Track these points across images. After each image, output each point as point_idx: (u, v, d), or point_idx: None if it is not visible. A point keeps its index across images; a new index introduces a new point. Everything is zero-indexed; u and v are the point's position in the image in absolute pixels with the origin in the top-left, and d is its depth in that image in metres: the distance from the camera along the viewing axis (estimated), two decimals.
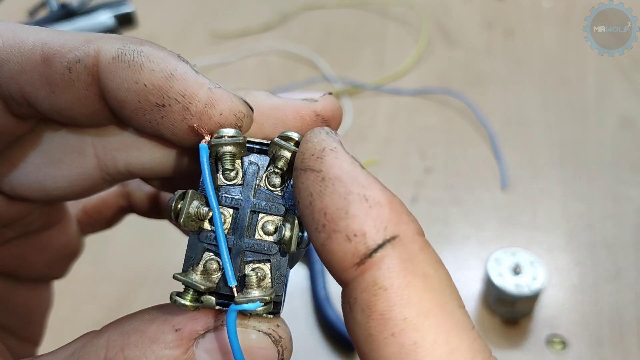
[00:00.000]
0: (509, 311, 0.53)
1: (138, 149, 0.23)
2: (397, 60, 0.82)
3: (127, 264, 0.62)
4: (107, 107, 0.21)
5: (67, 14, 0.88)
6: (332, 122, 0.22)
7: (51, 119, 0.22)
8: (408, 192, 0.65)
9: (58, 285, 0.32)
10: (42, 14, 0.92)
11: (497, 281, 0.51)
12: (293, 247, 0.20)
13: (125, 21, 0.89)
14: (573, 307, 0.55)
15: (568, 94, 0.76)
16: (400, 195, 0.18)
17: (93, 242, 0.35)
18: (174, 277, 0.19)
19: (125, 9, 0.89)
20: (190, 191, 0.20)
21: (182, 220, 0.19)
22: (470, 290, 0.56)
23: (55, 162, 0.24)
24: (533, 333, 0.53)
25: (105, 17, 0.87)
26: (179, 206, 0.19)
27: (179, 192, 0.20)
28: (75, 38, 0.20)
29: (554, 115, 0.73)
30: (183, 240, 0.21)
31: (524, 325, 0.54)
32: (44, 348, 0.30)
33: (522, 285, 0.51)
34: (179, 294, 0.19)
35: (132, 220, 0.35)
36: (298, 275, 0.59)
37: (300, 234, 0.20)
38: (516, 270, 0.52)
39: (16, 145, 0.23)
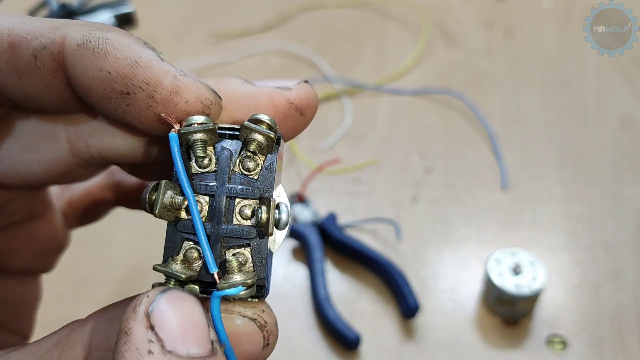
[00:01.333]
0: (509, 311, 0.53)
1: (110, 135, 0.23)
2: (397, 60, 0.82)
3: (127, 263, 0.61)
4: (74, 94, 0.21)
5: (67, 14, 0.88)
6: (306, 110, 0.22)
7: (22, 106, 0.22)
8: (408, 192, 0.65)
9: (57, 285, 0.33)
10: (42, 13, 0.92)
11: (497, 281, 0.51)
12: (271, 228, 0.19)
13: (125, 21, 0.88)
14: (573, 307, 0.55)
15: (568, 94, 0.76)
16: (400, 195, 0.18)
17: (93, 241, 0.35)
18: (154, 269, 0.19)
19: (125, 9, 0.89)
20: (164, 181, 0.19)
21: (157, 211, 0.19)
22: (470, 290, 0.56)
23: (29, 147, 0.24)
24: (533, 333, 0.53)
25: (105, 17, 0.87)
26: (153, 197, 0.19)
27: (152, 183, 0.20)
28: (42, 25, 0.20)
29: (554, 115, 0.73)
30: None
31: (524, 325, 0.54)
32: None
33: (522, 285, 0.51)
34: (161, 285, 0.19)
35: (131, 220, 0.35)
36: (298, 275, 0.59)
37: (277, 215, 0.20)
38: (516, 270, 0.52)
39: None
